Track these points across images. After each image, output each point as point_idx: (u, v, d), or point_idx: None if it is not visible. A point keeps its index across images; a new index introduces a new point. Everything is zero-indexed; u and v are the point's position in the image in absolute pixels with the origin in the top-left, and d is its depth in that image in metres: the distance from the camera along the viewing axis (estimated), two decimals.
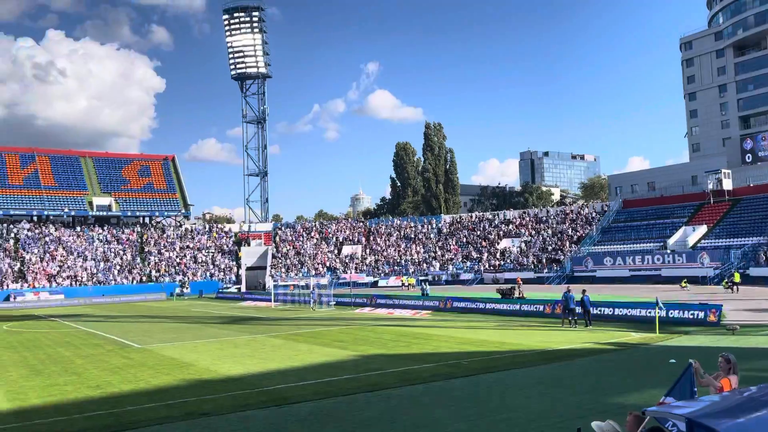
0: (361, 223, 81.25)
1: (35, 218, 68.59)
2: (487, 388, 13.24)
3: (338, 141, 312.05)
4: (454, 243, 69.96)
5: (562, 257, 58.81)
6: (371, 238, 75.21)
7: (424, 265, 66.94)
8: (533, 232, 66.42)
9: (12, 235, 65.41)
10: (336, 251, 73.40)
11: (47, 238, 66.16)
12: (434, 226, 75.05)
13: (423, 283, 44.73)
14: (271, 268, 67.37)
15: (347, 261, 70.60)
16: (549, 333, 22.32)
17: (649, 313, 22.43)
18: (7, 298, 55.36)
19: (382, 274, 66.16)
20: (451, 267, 65.40)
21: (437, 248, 69.92)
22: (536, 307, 28.70)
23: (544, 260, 59.79)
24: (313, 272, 65.52)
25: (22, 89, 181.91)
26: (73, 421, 11.49)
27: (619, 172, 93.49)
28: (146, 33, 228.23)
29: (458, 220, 75.95)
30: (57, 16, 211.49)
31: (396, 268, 67.32)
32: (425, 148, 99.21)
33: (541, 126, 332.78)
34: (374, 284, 63.44)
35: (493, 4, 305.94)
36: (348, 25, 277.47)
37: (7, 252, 62.89)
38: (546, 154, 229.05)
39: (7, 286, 57.95)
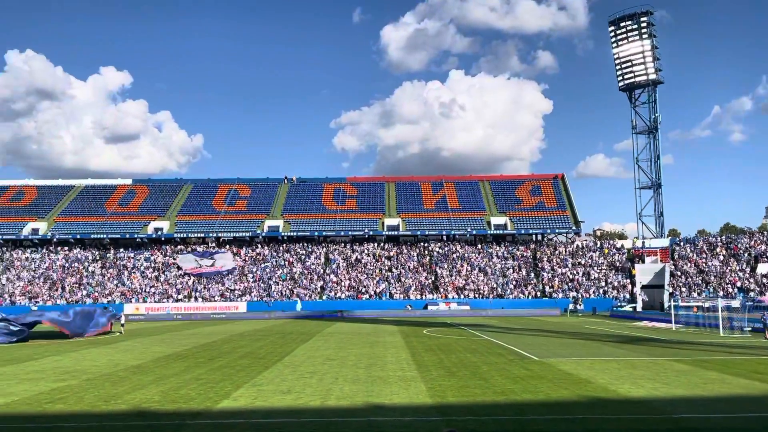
0: None
1: (444, 237, 78.03)
2: None
3: (745, 144, 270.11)
4: None
5: None
6: None
7: None
8: None
9: (427, 252, 75.74)
10: (749, 269, 63.77)
11: (454, 255, 74.52)
12: None
13: None
14: (670, 287, 62.34)
15: (764, 281, 60.61)
16: None
17: None
18: (425, 307, 64.25)
19: None
20: None
21: None
22: None
23: None
24: (720, 293, 58.17)
25: (432, 126, 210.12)
26: (483, 423, 12.66)
27: None
28: (532, 60, 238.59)
29: None
30: (457, 59, 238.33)
31: None
32: None
33: None
34: None
35: None
36: (753, 15, 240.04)
37: (424, 266, 73.05)
38: None
39: (425, 296, 67.22)
